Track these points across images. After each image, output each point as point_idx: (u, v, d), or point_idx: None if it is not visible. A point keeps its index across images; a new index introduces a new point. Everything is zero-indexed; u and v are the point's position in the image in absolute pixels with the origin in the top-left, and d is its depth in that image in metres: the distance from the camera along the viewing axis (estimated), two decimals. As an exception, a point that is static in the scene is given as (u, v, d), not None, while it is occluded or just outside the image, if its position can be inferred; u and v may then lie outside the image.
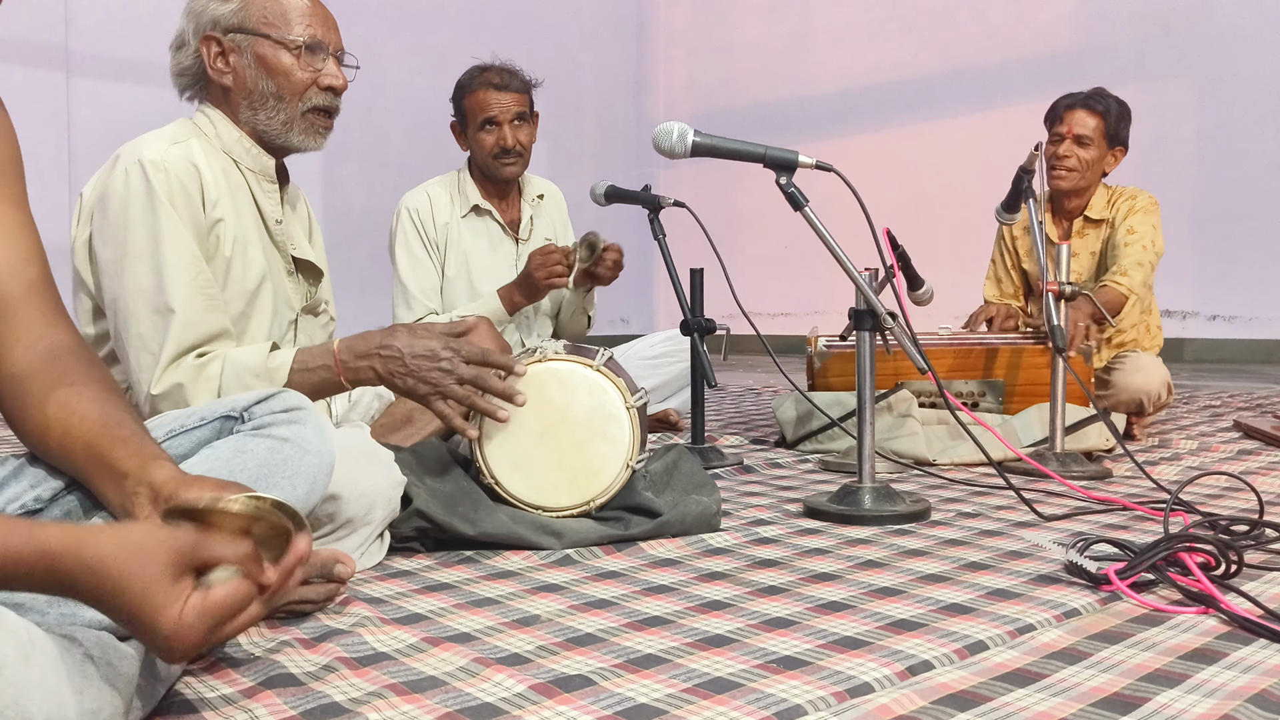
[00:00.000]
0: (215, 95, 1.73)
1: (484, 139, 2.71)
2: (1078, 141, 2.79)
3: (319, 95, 1.71)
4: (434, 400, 1.59)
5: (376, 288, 4.63)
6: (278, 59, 1.68)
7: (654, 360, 2.97)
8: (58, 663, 0.82)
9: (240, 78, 1.69)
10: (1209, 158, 5.57)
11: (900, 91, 6.63)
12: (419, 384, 1.58)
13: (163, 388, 1.56)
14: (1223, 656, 1.12)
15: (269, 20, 1.67)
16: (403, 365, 1.58)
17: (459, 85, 2.78)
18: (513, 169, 2.75)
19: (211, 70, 1.69)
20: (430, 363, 1.58)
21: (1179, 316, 5.63)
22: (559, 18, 7.25)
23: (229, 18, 1.67)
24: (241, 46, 1.68)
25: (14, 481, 1.10)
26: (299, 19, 1.69)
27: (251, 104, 1.70)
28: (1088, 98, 2.82)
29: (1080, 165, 2.80)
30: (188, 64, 1.71)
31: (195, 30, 1.69)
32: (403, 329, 1.61)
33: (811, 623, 1.26)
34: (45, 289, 1.11)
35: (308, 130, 1.72)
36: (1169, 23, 5.66)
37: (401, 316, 2.71)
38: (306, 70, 1.69)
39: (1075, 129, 2.78)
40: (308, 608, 1.28)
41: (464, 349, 1.60)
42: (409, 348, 1.58)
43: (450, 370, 1.58)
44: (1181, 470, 2.31)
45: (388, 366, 1.59)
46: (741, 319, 2.53)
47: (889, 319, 1.87)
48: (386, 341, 1.59)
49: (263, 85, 1.68)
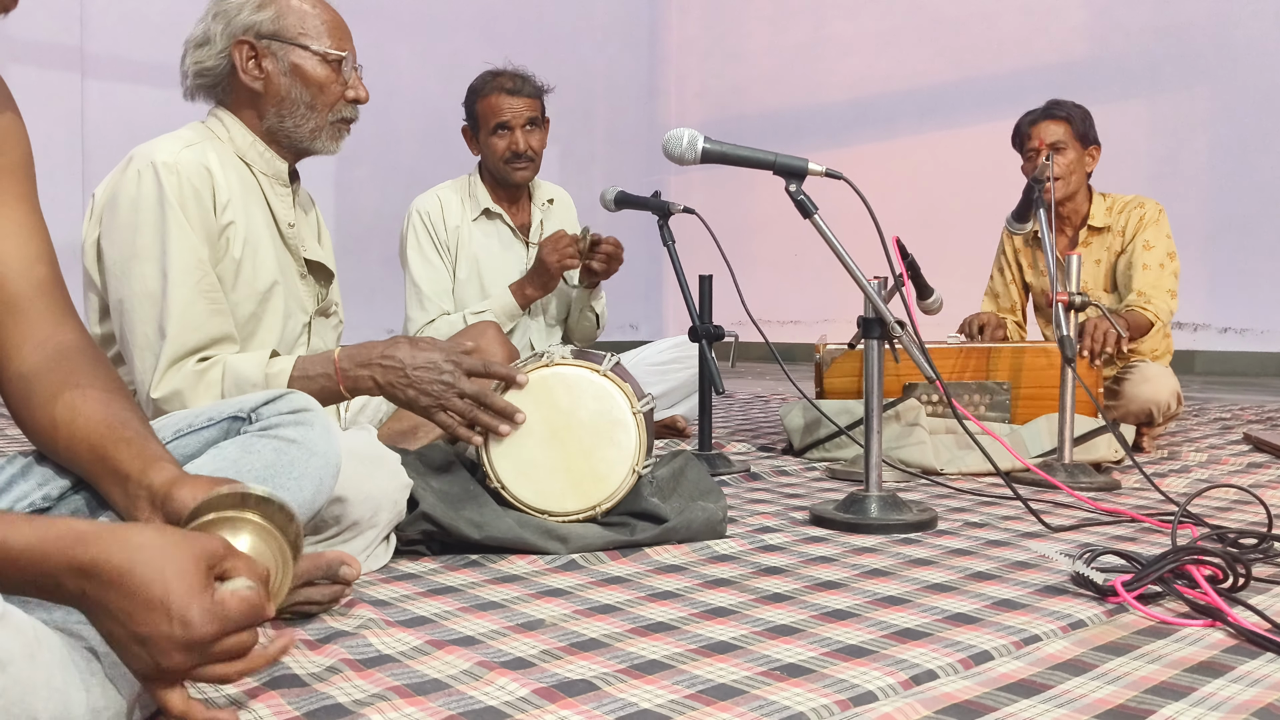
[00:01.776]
0: (233, 99, 1.74)
1: (496, 143, 2.73)
2: (1054, 149, 2.81)
3: (346, 107, 1.76)
4: (435, 412, 1.60)
5: (387, 291, 4.65)
6: (315, 71, 1.71)
7: (662, 366, 2.97)
8: (64, 661, 0.82)
9: (273, 84, 1.71)
10: (1222, 170, 5.56)
11: (912, 100, 6.63)
12: (420, 395, 1.58)
13: (162, 392, 1.57)
14: (1229, 670, 1.12)
15: (305, 32, 1.71)
16: (404, 376, 1.58)
17: (471, 90, 2.79)
18: (524, 174, 2.76)
19: (244, 75, 1.70)
20: (432, 374, 1.58)
21: (1190, 328, 5.61)
22: (571, 24, 7.27)
23: (266, 25, 1.69)
24: (277, 54, 1.70)
25: (22, 480, 1.10)
26: (330, 32, 1.74)
27: (280, 110, 1.72)
28: (1046, 109, 2.88)
29: (1064, 171, 2.82)
30: (211, 64, 1.71)
31: (227, 33, 1.70)
32: (405, 340, 1.62)
33: (816, 631, 1.25)
34: (55, 288, 1.11)
35: (332, 136, 1.77)
36: (1183, 34, 5.65)
37: (415, 318, 2.72)
38: (338, 83, 1.74)
39: (1047, 139, 2.81)
40: (313, 609, 1.28)
41: (465, 362, 1.60)
42: (410, 359, 1.58)
43: (452, 383, 1.58)
44: (1190, 483, 2.30)
45: (388, 377, 1.59)
46: (750, 326, 2.53)
47: (897, 327, 1.87)
48: (388, 352, 1.59)
49: (296, 94, 1.71)
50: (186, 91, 1.77)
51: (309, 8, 1.73)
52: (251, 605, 0.84)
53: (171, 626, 0.80)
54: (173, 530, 0.85)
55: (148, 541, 0.81)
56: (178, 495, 0.98)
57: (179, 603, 0.80)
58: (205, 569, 0.83)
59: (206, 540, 0.85)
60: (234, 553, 0.86)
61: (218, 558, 0.84)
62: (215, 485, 0.97)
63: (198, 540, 0.84)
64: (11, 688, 0.76)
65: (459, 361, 1.60)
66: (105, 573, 0.80)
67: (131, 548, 0.80)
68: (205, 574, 0.82)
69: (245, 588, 0.85)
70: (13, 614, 0.79)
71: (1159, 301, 2.74)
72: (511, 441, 1.67)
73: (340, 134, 1.78)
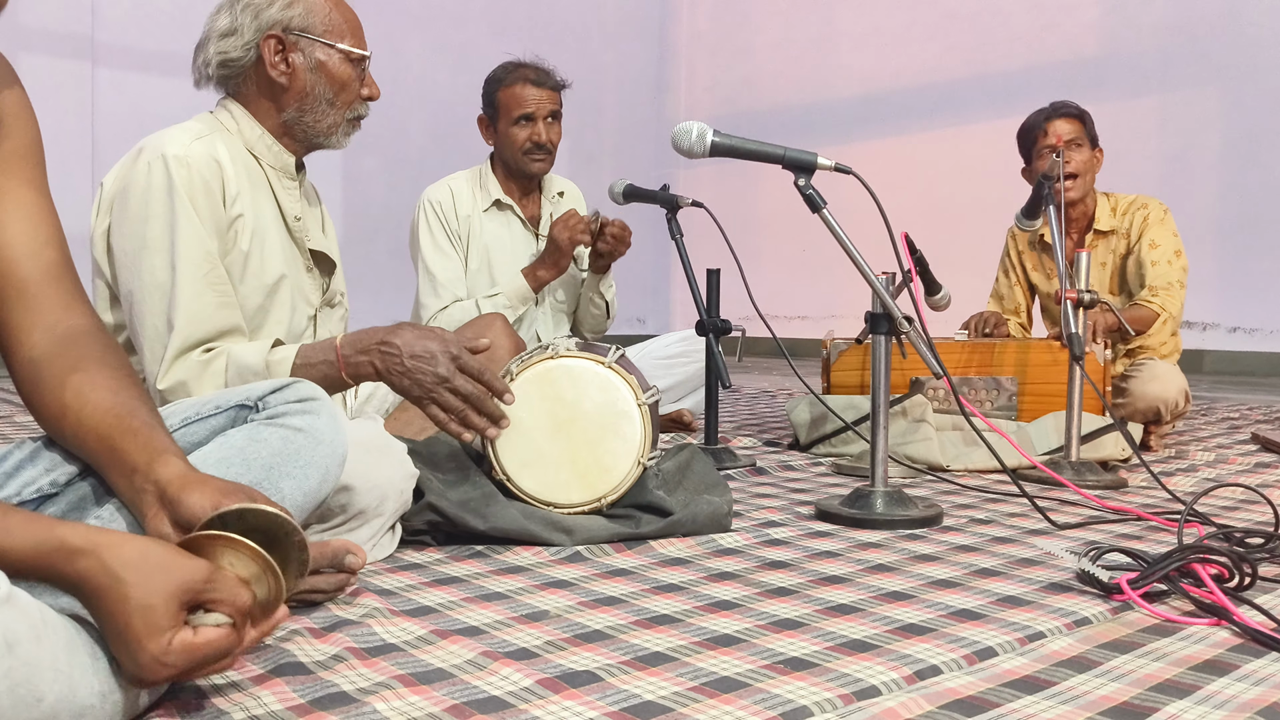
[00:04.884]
0: (248, 91, 1.74)
1: (517, 133, 2.73)
2: (1070, 146, 2.79)
3: (362, 105, 1.80)
4: (425, 404, 1.59)
5: (396, 283, 4.65)
6: (339, 68, 1.74)
7: (669, 360, 2.97)
8: (70, 644, 0.83)
9: (298, 79, 1.72)
10: (1233, 168, 5.53)
11: (922, 96, 6.61)
12: (413, 385, 1.58)
13: (168, 382, 1.58)
14: (1234, 669, 1.11)
15: (331, 29, 1.74)
16: (400, 364, 1.58)
17: (493, 79, 2.80)
18: (541, 165, 2.77)
19: (271, 68, 1.71)
20: (427, 365, 1.57)
21: (1199, 328, 5.59)
22: (581, 17, 7.26)
23: (296, 20, 1.71)
24: (304, 50, 1.72)
25: (30, 465, 1.11)
26: (352, 31, 1.77)
27: (302, 105, 1.74)
28: (1059, 108, 2.86)
29: (1082, 168, 2.81)
30: (236, 56, 1.72)
31: (255, 26, 1.70)
32: (409, 326, 1.61)
33: (820, 625, 1.26)
34: (64, 273, 1.12)
35: (346, 133, 1.80)
36: (1195, 31, 5.62)
37: (429, 305, 2.72)
38: (358, 81, 1.77)
39: (1063, 136, 2.79)
40: (318, 597, 1.29)
41: (463, 359, 1.59)
42: (408, 346, 1.58)
43: (446, 378, 1.58)
44: (1197, 482, 2.29)
45: (386, 363, 1.59)
46: (757, 321, 2.53)
47: (905, 323, 1.86)
48: (388, 338, 1.59)
49: (319, 90, 1.73)
50: (198, 80, 1.77)
51: (332, 7, 1.75)
52: (216, 646, 0.86)
53: (127, 661, 0.85)
54: (160, 552, 0.86)
55: (128, 566, 0.83)
56: (187, 501, 0.98)
57: (136, 644, 0.83)
58: (177, 606, 0.84)
59: (190, 570, 0.86)
60: (215, 581, 0.87)
61: (195, 589, 0.85)
62: (224, 497, 0.98)
63: (180, 569, 0.85)
64: (18, 668, 0.77)
65: (457, 356, 1.59)
66: (87, 591, 0.84)
67: (109, 574, 0.83)
68: (175, 612, 0.84)
69: (215, 624, 0.86)
70: (19, 596, 0.79)
71: (1165, 295, 2.73)
72: (516, 434, 1.67)
73: (352, 130, 1.81)
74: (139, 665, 0.84)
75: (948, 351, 2.70)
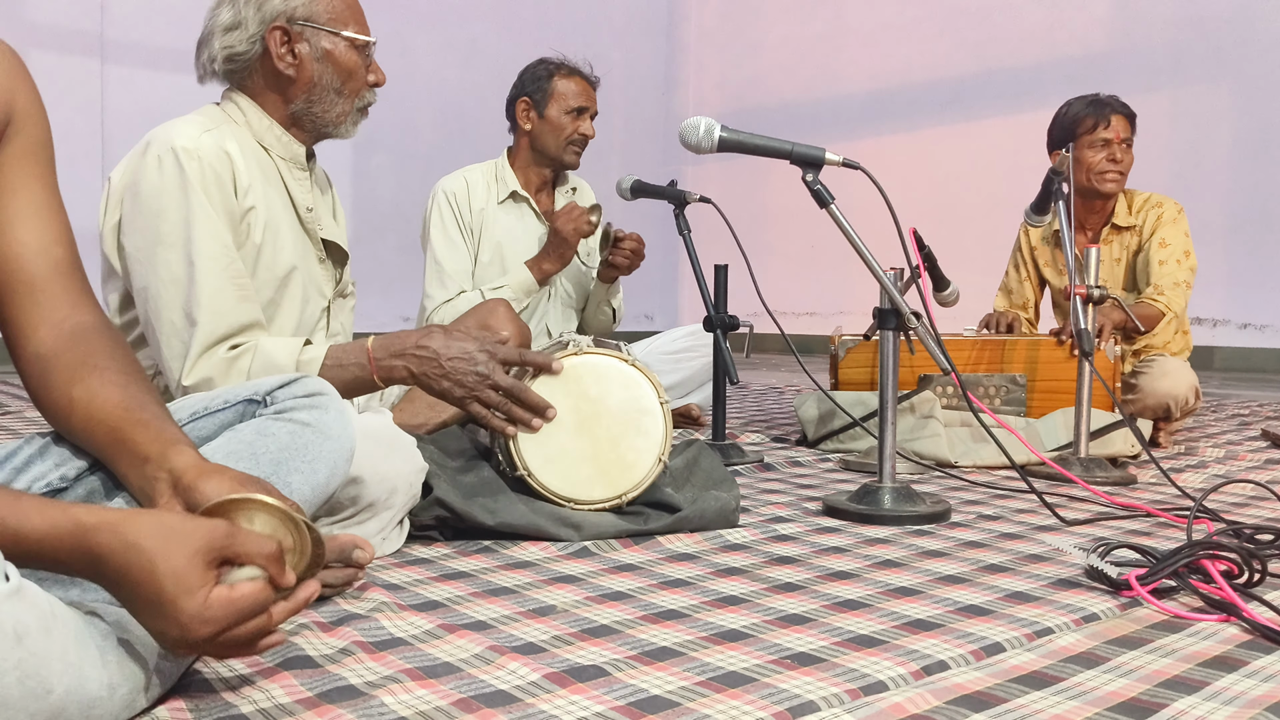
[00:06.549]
0: (256, 83, 1.73)
1: (568, 123, 2.76)
2: (1124, 145, 2.78)
3: (370, 92, 1.78)
4: (469, 403, 1.60)
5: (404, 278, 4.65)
6: (345, 56, 1.73)
7: (676, 355, 2.98)
8: (79, 636, 0.83)
9: (306, 70, 1.71)
10: (1244, 164, 5.50)
11: (932, 92, 6.59)
12: (454, 386, 1.59)
13: (194, 379, 1.57)
14: (1243, 665, 1.11)
15: (336, 17, 1.72)
16: (439, 367, 1.59)
17: (545, 67, 2.81)
18: (577, 158, 2.82)
19: (278, 60, 1.70)
20: (467, 365, 1.58)
21: (1209, 324, 5.56)
22: (590, 14, 7.25)
23: (300, 10, 1.70)
24: (310, 39, 1.71)
25: (39, 460, 1.11)
26: (355, 17, 1.75)
27: (310, 96, 1.73)
28: (1119, 104, 2.82)
29: (1128, 168, 2.80)
30: (241, 49, 1.70)
31: (259, 18, 1.69)
32: (439, 330, 1.62)
33: (827, 620, 1.25)
34: (72, 269, 1.12)
35: (355, 121, 1.79)
36: (1206, 27, 5.59)
37: (435, 295, 2.72)
38: (364, 68, 1.76)
39: (1121, 133, 2.77)
40: (327, 591, 1.29)
41: (500, 352, 1.60)
42: (445, 349, 1.59)
43: (487, 374, 1.59)
44: (1207, 478, 2.28)
45: (423, 367, 1.59)
46: (765, 317, 2.53)
47: (913, 319, 1.86)
48: (423, 342, 1.59)
49: (327, 79, 1.72)
50: (202, 76, 1.77)
51: None
52: (254, 598, 0.84)
53: (169, 626, 0.82)
54: (175, 519, 0.85)
55: (146, 535, 0.82)
56: (202, 488, 0.97)
57: (172, 606, 0.81)
58: (203, 564, 0.82)
59: (209, 528, 0.84)
60: (237, 535, 0.85)
61: (219, 546, 0.84)
62: (237, 485, 0.98)
63: (199, 529, 0.84)
64: (28, 660, 0.77)
65: (494, 352, 1.60)
66: (107, 568, 0.82)
67: (129, 545, 0.81)
68: (203, 570, 0.82)
69: (249, 578, 0.85)
70: (29, 589, 0.80)
71: (1171, 294, 2.72)
72: (540, 430, 1.67)
73: (360, 119, 1.80)
74: (182, 626, 0.82)
75: (956, 348, 2.69)
